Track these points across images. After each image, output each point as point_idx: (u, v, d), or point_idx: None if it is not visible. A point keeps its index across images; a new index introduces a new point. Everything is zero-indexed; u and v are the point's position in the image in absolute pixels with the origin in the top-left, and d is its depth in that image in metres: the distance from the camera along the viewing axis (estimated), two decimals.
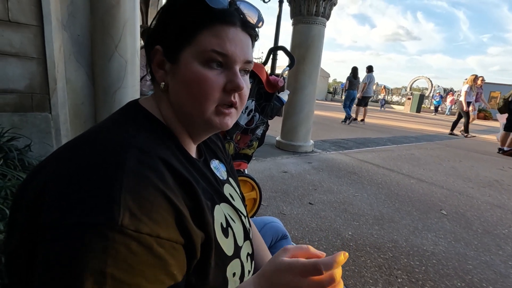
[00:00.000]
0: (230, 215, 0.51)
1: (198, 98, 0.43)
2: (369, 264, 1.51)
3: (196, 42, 0.42)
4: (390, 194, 2.56)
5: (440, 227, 2.01)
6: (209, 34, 0.41)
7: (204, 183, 0.47)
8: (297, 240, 1.68)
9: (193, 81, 0.42)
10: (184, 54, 0.42)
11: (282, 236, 0.94)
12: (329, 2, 3.50)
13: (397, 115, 13.22)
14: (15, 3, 1.58)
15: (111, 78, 2.03)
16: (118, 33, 1.97)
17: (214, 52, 0.41)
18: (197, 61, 0.42)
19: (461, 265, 1.58)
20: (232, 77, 0.44)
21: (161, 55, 0.45)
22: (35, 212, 0.32)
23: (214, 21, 0.41)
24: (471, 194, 2.77)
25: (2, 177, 1.11)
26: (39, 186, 0.33)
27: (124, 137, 0.37)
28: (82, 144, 0.38)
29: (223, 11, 0.42)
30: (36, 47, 1.70)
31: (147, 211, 0.32)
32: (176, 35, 0.43)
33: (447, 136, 7.02)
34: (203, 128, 0.49)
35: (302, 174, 2.90)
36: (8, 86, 1.67)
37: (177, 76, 0.44)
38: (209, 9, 0.41)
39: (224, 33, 0.42)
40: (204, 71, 0.42)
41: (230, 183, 0.61)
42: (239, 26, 0.43)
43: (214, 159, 0.60)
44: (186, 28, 0.42)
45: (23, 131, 1.65)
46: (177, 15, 0.43)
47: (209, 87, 0.42)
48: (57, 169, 0.34)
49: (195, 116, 0.45)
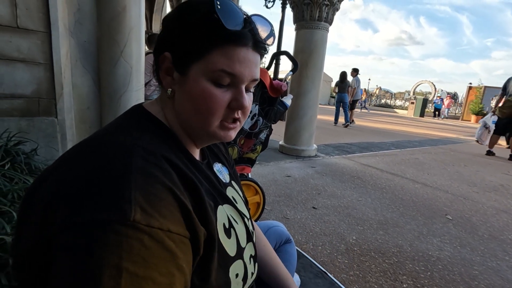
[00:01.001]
0: (233, 216, 0.52)
1: (203, 113, 0.44)
2: (374, 269, 1.50)
3: (206, 60, 0.42)
4: (394, 199, 2.55)
5: (446, 232, 1.99)
6: (220, 54, 0.41)
7: (207, 184, 0.47)
8: (301, 244, 1.67)
9: (199, 97, 0.43)
10: (193, 68, 0.43)
11: (286, 240, 0.94)
12: (331, 7, 3.53)
13: (401, 120, 13.17)
14: (24, 10, 1.62)
15: (116, 83, 2.06)
16: (124, 39, 2.00)
17: (223, 72, 0.42)
18: (205, 78, 0.42)
19: (467, 270, 1.56)
20: (238, 96, 0.44)
21: (169, 63, 0.45)
22: (49, 215, 0.33)
23: (227, 42, 0.41)
24: (477, 199, 2.74)
25: (9, 180, 1.13)
26: (51, 191, 0.34)
27: (128, 139, 0.39)
28: (89, 148, 0.38)
29: (237, 32, 0.41)
30: (43, 53, 1.74)
31: (157, 206, 0.33)
32: (186, 48, 0.43)
33: (451, 141, 6.98)
34: (206, 139, 0.50)
35: (305, 179, 2.90)
36: (16, 91, 1.70)
37: (184, 87, 0.44)
38: (223, 30, 0.40)
39: (235, 54, 0.42)
40: (211, 89, 0.42)
41: (233, 186, 0.62)
42: (250, 47, 0.43)
43: (217, 162, 0.61)
44: (197, 44, 0.42)
45: (30, 136, 1.67)
46: (190, 29, 0.42)
47: (215, 104, 0.43)
48: (67, 174, 0.35)
49: (199, 128, 0.46)
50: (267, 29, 0.48)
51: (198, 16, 0.42)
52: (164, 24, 0.47)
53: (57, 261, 0.30)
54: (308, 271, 1.42)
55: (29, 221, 0.35)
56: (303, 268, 1.43)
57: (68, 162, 0.38)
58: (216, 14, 0.40)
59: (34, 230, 0.34)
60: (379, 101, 23.81)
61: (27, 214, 0.36)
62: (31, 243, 0.34)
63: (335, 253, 1.61)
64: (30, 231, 0.35)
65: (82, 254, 0.29)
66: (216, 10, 0.40)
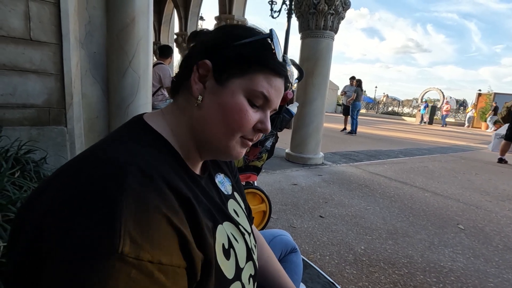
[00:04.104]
0: (233, 234, 0.50)
1: (231, 126, 0.45)
2: (384, 280, 1.46)
3: (250, 78, 0.44)
4: (403, 208, 2.49)
5: (458, 242, 1.93)
6: (262, 77, 0.45)
7: (207, 201, 0.46)
8: (308, 254, 1.64)
9: (234, 110, 0.44)
10: (234, 81, 0.44)
11: (291, 250, 0.92)
12: (337, 16, 3.56)
13: (409, 127, 13.02)
14: (37, 23, 1.67)
15: (124, 93, 2.10)
16: (132, 49, 2.05)
17: (262, 95, 0.45)
18: (243, 94, 0.44)
19: (482, 283, 1.50)
20: (264, 119, 0.48)
21: (207, 71, 0.45)
22: (37, 236, 0.31)
23: (272, 70, 0.45)
24: (490, 208, 2.66)
25: (19, 188, 1.14)
26: (39, 214, 0.32)
27: (123, 156, 0.36)
28: (82, 165, 0.36)
29: (281, 65, 0.46)
30: (54, 64, 1.79)
31: (149, 236, 0.31)
32: (234, 62, 0.44)
33: (461, 148, 6.84)
34: (216, 153, 0.50)
35: (312, 187, 2.87)
36: (27, 101, 1.74)
37: (218, 97, 0.45)
38: (274, 59, 0.45)
39: (274, 82, 0.46)
40: (246, 105, 0.45)
41: (235, 198, 0.61)
42: (283, 79, 0.48)
43: (219, 173, 0.60)
44: (248, 62, 0.44)
45: (40, 144, 1.70)
46: (244, 47, 0.44)
47: (246, 121, 0.45)
48: (56, 195, 0.33)
49: (218, 140, 0.46)
50: (295, 72, 0.55)
51: (254, 39, 0.45)
52: (210, 34, 0.49)
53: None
54: (315, 281, 1.39)
55: (20, 241, 0.34)
56: (311, 278, 1.40)
57: (61, 181, 0.35)
58: (273, 43, 0.46)
59: (23, 252, 0.32)
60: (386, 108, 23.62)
61: (19, 233, 0.34)
62: (18, 265, 0.32)
63: (343, 264, 1.58)
64: (19, 252, 0.33)
65: (66, 286, 0.28)
66: (274, 41, 0.46)
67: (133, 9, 2.01)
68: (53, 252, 0.29)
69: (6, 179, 1.10)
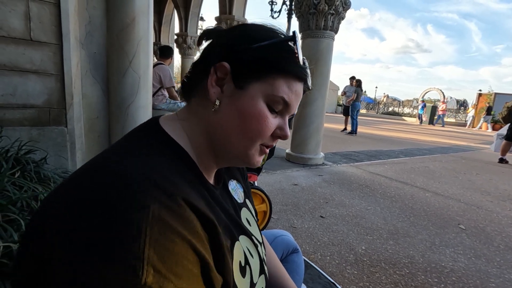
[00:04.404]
0: (249, 248, 0.49)
1: (251, 133, 0.43)
2: (385, 280, 1.45)
3: (270, 82, 0.42)
4: (404, 208, 2.49)
5: (459, 242, 1.93)
6: (284, 82, 0.43)
7: (225, 216, 0.45)
8: (308, 254, 1.64)
9: (253, 116, 0.42)
10: (254, 85, 0.42)
11: (293, 250, 0.92)
12: (337, 16, 3.56)
13: (409, 127, 13.01)
14: (37, 23, 1.67)
15: (125, 93, 2.10)
16: (133, 49, 2.05)
17: (282, 100, 0.43)
18: (263, 99, 0.42)
19: (483, 283, 1.50)
20: (283, 125, 0.46)
21: (225, 74, 0.43)
22: (46, 260, 0.29)
23: (293, 75, 0.44)
24: (491, 208, 2.66)
25: (19, 188, 1.14)
26: (51, 233, 0.29)
27: (141, 172, 0.33)
28: (94, 179, 0.32)
29: (304, 70, 0.45)
30: (55, 64, 1.78)
31: (173, 265, 0.29)
32: (254, 66, 0.42)
33: (462, 148, 6.84)
34: (233, 160, 0.48)
35: (313, 187, 2.86)
36: (28, 101, 1.74)
37: (237, 102, 0.42)
38: (296, 63, 0.43)
39: (295, 86, 0.44)
40: (266, 111, 0.43)
41: (247, 205, 0.59)
42: (303, 84, 0.46)
43: (232, 180, 0.58)
44: (268, 66, 0.42)
45: (40, 145, 1.70)
46: (265, 49, 0.42)
47: (266, 128, 0.43)
48: (70, 214, 0.29)
49: (236, 148, 0.44)
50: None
51: (277, 41, 0.43)
52: (227, 34, 0.46)
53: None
54: (316, 282, 1.38)
55: (29, 251, 0.31)
56: (311, 279, 1.40)
57: (69, 195, 0.32)
58: (296, 48, 0.43)
59: (30, 268, 0.30)
60: (386, 109, 23.61)
61: (29, 240, 0.32)
62: (29, 272, 0.30)
63: (344, 264, 1.57)
64: (26, 266, 0.31)
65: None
66: (297, 45, 0.43)
67: (133, 9, 2.01)
68: (69, 278, 0.27)
69: (6, 179, 1.09)
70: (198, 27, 8.28)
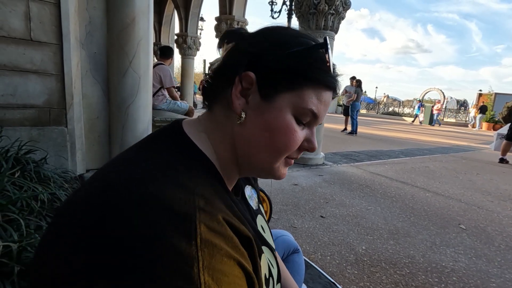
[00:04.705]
0: (269, 259, 0.48)
1: (278, 147, 0.41)
2: (385, 280, 1.45)
3: (299, 94, 0.39)
4: (404, 208, 2.49)
5: (459, 242, 1.92)
6: (312, 93, 0.40)
7: (252, 230, 0.44)
8: (309, 254, 1.63)
9: (281, 130, 0.40)
10: (282, 97, 0.39)
11: (294, 250, 0.92)
12: (337, 16, 3.56)
13: (409, 127, 13.00)
14: (37, 23, 1.67)
15: (125, 93, 2.09)
16: (133, 49, 2.05)
17: (311, 112, 0.40)
18: (290, 111, 0.40)
19: (484, 283, 1.50)
20: (311, 138, 0.44)
21: (250, 84, 0.40)
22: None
23: (323, 84, 0.41)
24: (491, 208, 2.66)
25: (19, 188, 1.14)
26: (97, 269, 0.27)
27: (185, 196, 0.32)
28: (141, 210, 0.30)
29: (334, 78, 0.42)
30: (55, 64, 1.79)
31: (225, 285, 0.29)
32: (282, 76, 0.39)
33: (463, 148, 6.83)
34: (257, 173, 0.46)
35: (313, 187, 2.86)
36: (28, 102, 1.75)
37: (264, 115, 0.40)
38: (327, 73, 0.40)
39: (323, 96, 0.41)
40: (294, 125, 0.40)
41: (261, 212, 0.59)
42: (332, 91, 0.43)
43: (247, 185, 0.58)
44: (297, 76, 0.39)
45: (40, 145, 1.70)
46: (294, 58, 0.39)
47: (294, 141, 0.41)
48: (121, 251, 0.28)
49: (262, 162, 0.43)
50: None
51: (307, 50, 0.40)
52: (251, 38, 0.43)
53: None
54: (316, 282, 1.38)
55: (58, 255, 0.30)
56: (312, 279, 1.40)
57: (112, 229, 0.29)
58: (328, 57, 0.40)
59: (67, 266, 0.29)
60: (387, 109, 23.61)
61: (56, 244, 0.31)
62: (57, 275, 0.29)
63: (344, 264, 1.57)
64: (59, 264, 0.30)
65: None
66: (328, 53, 0.40)
67: (133, 9, 2.01)
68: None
69: (6, 179, 1.09)
70: (198, 27, 8.29)
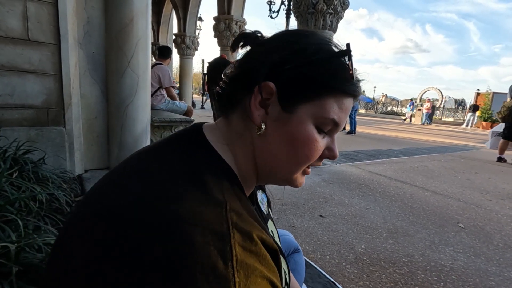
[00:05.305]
0: (284, 268, 0.48)
1: (299, 158, 0.40)
2: (384, 279, 1.45)
3: (319, 104, 0.38)
4: (403, 207, 2.49)
5: (458, 241, 1.93)
6: (334, 102, 0.39)
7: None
8: (308, 253, 1.63)
9: (302, 141, 0.39)
10: (303, 108, 0.38)
11: (294, 250, 0.92)
12: (335, 15, 3.56)
13: (408, 127, 13.03)
14: (35, 23, 1.67)
15: (123, 93, 2.09)
16: (131, 49, 2.04)
17: (332, 122, 0.39)
18: (311, 122, 0.39)
19: (483, 281, 1.50)
20: (332, 146, 0.43)
21: (270, 94, 0.38)
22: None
23: (344, 92, 0.39)
24: (490, 207, 2.66)
25: (17, 189, 1.14)
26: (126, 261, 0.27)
27: (218, 209, 0.31)
28: (174, 229, 0.29)
29: (356, 85, 0.40)
30: (53, 64, 1.78)
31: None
32: (304, 85, 0.38)
33: (461, 148, 6.85)
34: (276, 183, 0.46)
35: (312, 187, 2.86)
36: (26, 102, 1.74)
37: (285, 127, 0.39)
38: (348, 81, 0.39)
39: (345, 104, 0.40)
40: (315, 135, 0.39)
41: (271, 216, 0.58)
42: (354, 98, 0.42)
43: (258, 190, 0.57)
44: (319, 86, 0.38)
45: (39, 145, 1.70)
46: (316, 66, 0.38)
47: (315, 152, 0.40)
48: (163, 271, 0.27)
49: (283, 173, 0.42)
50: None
51: (328, 57, 0.39)
52: (268, 44, 0.41)
53: None
54: (316, 281, 1.38)
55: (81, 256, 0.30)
56: (311, 278, 1.40)
57: (148, 246, 0.28)
58: (351, 65, 0.39)
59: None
60: (385, 108, 23.66)
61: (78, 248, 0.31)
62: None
63: (343, 263, 1.57)
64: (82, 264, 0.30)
65: None
66: (351, 60, 0.39)
67: (132, 9, 2.00)
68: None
69: (4, 179, 1.09)
70: (196, 27, 8.28)
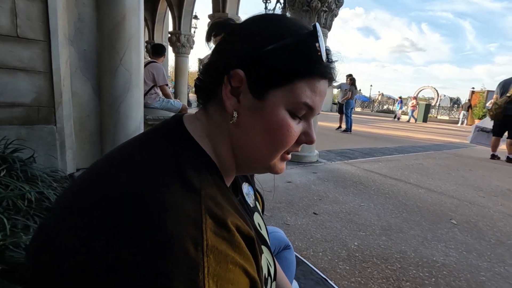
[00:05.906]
0: (268, 260, 0.48)
1: (274, 145, 0.40)
2: (376, 275, 1.46)
3: (290, 89, 0.38)
4: (397, 204, 2.50)
5: (451, 237, 1.94)
6: (305, 85, 0.38)
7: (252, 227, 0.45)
8: (301, 251, 1.64)
9: (276, 127, 0.39)
10: (274, 93, 0.38)
11: (285, 246, 0.92)
12: (330, 13, 3.56)
13: (403, 125, 13.10)
14: (24, 20, 1.64)
15: (116, 91, 2.07)
16: (124, 47, 2.03)
17: (305, 106, 0.39)
18: (284, 107, 0.38)
19: (474, 277, 1.51)
20: (309, 130, 0.42)
21: (240, 82, 0.38)
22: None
23: (316, 74, 0.38)
24: (483, 204, 2.69)
25: (5, 187, 1.12)
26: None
27: (195, 197, 0.32)
28: (140, 206, 0.30)
29: (327, 66, 0.39)
30: (43, 62, 1.76)
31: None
32: (272, 71, 0.37)
33: (456, 146, 6.91)
34: (255, 171, 0.46)
35: (307, 185, 2.86)
36: (16, 100, 1.72)
37: (257, 113, 0.39)
38: (318, 62, 0.38)
39: (318, 86, 0.39)
40: (289, 120, 0.39)
41: (257, 209, 0.58)
42: (328, 80, 0.41)
43: (244, 183, 0.57)
44: (286, 70, 0.37)
45: (30, 143, 1.68)
46: (282, 50, 0.37)
47: (290, 137, 0.40)
48: (127, 252, 0.28)
49: (259, 160, 0.42)
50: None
51: (295, 41, 0.37)
52: (238, 30, 0.41)
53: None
54: (308, 278, 1.38)
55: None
56: (303, 275, 1.40)
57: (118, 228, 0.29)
58: (319, 45, 0.37)
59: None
60: (381, 107, 23.76)
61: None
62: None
63: (336, 260, 1.57)
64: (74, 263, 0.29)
65: None
66: (319, 41, 0.37)
67: (124, 6, 1.98)
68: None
69: None
70: (191, 25, 8.23)
